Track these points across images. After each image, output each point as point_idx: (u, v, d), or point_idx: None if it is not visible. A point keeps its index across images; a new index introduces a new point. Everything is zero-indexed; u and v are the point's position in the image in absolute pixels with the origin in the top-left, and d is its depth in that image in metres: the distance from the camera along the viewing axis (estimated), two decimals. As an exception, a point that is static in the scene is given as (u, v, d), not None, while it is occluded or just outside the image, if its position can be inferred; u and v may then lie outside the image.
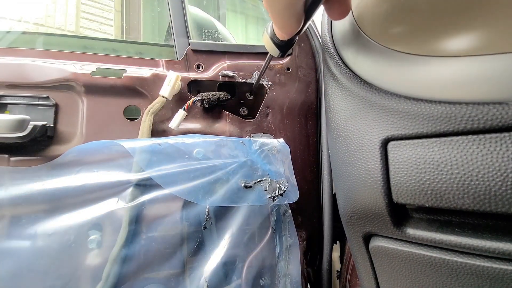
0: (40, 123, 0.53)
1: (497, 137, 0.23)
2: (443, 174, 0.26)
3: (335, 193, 0.59)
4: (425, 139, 0.27)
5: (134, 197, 0.50)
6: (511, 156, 0.22)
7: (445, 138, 0.26)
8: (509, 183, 0.22)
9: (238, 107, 0.69)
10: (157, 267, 0.51)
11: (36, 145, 0.54)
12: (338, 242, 0.70)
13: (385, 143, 0.30)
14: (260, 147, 0.58)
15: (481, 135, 0.24)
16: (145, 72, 0.60)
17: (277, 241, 0.57)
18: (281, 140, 0.61)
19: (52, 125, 0.55)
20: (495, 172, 0.23)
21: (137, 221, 0.50)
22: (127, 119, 0.59)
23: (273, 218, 0.57)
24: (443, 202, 0.26)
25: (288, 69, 0.68)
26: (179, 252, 0.52)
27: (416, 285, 0.32)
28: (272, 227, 0.57)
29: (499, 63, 0.23)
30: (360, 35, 0.33)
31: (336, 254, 0.71)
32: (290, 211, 0.58)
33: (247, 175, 0.55)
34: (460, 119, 0.25)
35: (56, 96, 0.56)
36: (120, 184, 0.50)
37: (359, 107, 0.33)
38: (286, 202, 0.57)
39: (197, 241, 0.53)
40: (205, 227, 0.53)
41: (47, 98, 0.56)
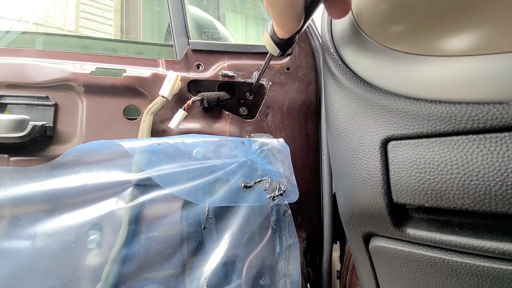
0: (40, 123, 0.52)
1: (497, 137, 0.23)
2: (443, 174, 0.26)
3: (335, 193, 0.59)
4: (425, 139, 0.27)
5: (134, 197, 0.49)
6: (511, 156, 0.22)
7: (445, 138, 0.26)
8: (509, 183, 0.22)
9: (238, 107, 0.68)
10: (157, 267, 0.51)
11: (36, 145, 0.54)
12: (338, 242, 0.70)
13: (385, 143, 0.30)
14: (260, 147, 0.58)
15: (481, 135, 0.24)
16: (144, 72, 0.60)
17: (277, 241, 0.57)
18: (281, 140, 0.61)
19: (51, 125, 0.55)
20: (495, 172, 0.23)
21: (137, 221, 0.50)
22: (126, 119, 0.59)
23: (273, 218, 0.57)
24: (443, 202, 0.26)
25: (288, 69, 0.68)
26: (179, 252, 0.52)
27: (416, 285, 0.32)
28: (272, 227, 0.57)
29: (499, 63, 0.23)
30: (359, 34, 0.33)
31: (336, 254, 0.71)
32: (290, 211, 0.58)
33: (247, 175, 0.55)
34: (460, 119, 0.25)
35: (56, 96, 0.56)
36: (119, 184, 0.50)
37: (359, 107, 0.33)
38: (286, 202, 0.57)
39: (197, 241, 0.53)
40: (205, 227, 0.53)
41: (47, 98, 0.56)
